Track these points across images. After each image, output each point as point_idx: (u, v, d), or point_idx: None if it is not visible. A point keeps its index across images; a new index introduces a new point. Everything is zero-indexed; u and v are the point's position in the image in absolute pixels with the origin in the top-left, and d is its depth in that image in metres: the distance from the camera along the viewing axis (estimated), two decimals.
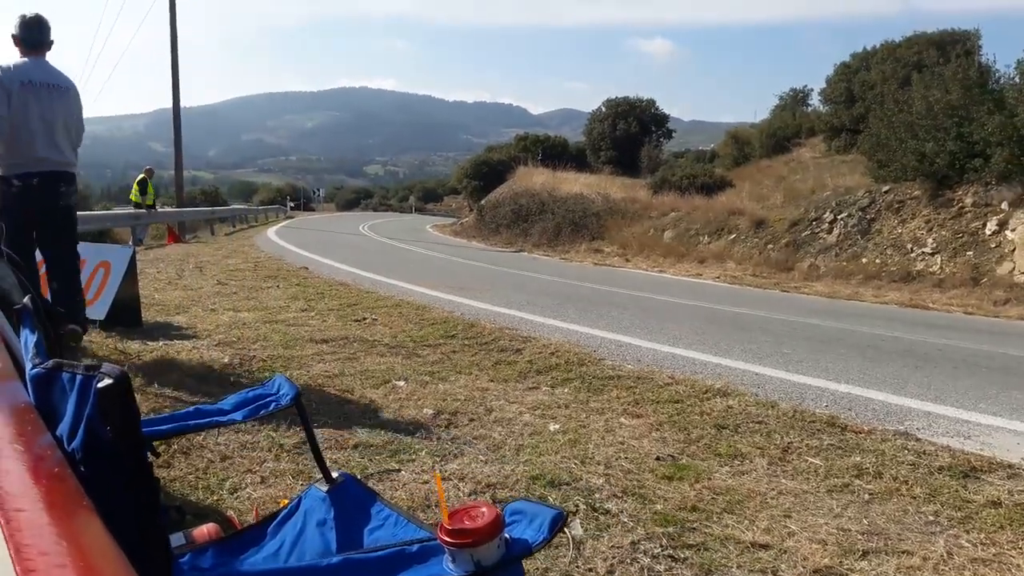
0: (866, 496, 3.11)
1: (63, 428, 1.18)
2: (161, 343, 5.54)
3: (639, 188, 24.56)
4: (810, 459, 3.53)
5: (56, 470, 0.86)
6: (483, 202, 29.74)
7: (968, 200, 13.42)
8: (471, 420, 3.97)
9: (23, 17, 4.91)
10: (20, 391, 1.25)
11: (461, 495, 2.94)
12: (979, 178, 13.27)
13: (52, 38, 5.01)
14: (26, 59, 4.86)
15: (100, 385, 1.06)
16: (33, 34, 4.90)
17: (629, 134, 37.99)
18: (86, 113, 5.39)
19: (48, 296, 4.83)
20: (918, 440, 3.87)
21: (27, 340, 1.36)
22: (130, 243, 16.85)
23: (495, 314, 7.67)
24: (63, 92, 4.98)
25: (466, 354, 5.65)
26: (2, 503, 0.77)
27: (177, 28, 23.31)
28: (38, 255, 5.06)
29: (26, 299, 1.46)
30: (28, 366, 1.26)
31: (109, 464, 1.12)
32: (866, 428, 4.05)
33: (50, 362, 1.20)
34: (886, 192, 15.12)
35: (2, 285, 2.51)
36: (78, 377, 1.14)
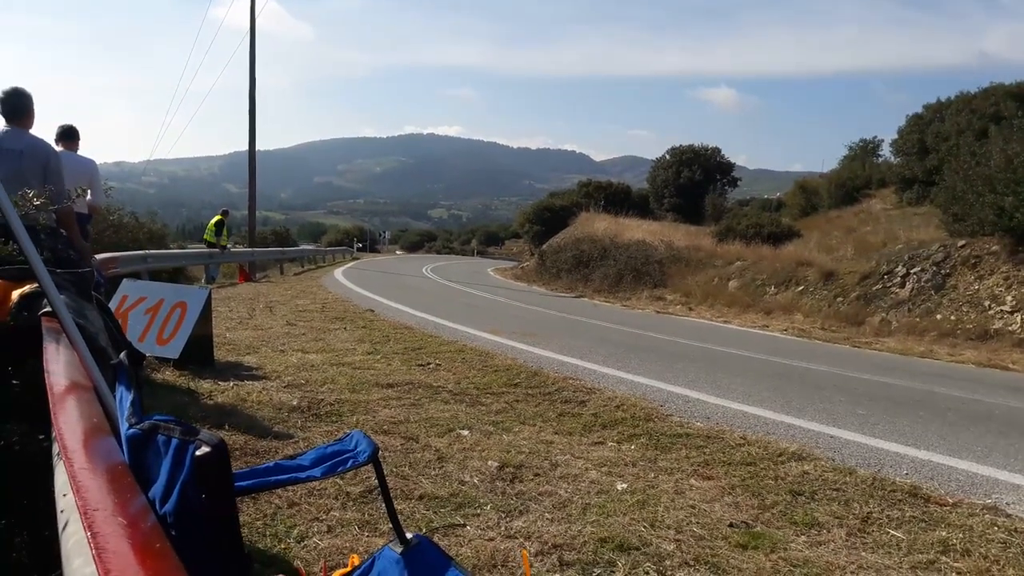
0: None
1: (156, 490, 1.19)
2: (232, 383, 5.65)
3: (703, 236, 24.23)
4: (892, 532, 3.36)
5: (157, 545, 0.87)
6: (545, 247, 29.81)
7: None
8: (536, 475, 3.91)
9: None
10: (115, 450, 1.27)
11: (528, 555, 2.88)
12: None
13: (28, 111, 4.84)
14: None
15: (198, 453, 1.07)
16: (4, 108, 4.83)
17: (693, 182, 37.82)
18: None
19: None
20: (1008, 516, 3.66)
21: (123, 398, 1.38)
22: (203, 281, 17.41)
23: (558, 363, 7.62)
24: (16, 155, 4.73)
25: (530, 404, 5.61)
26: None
27: (256, 75, 24.25)
28: None
29: (122, 355, 1.49)
30: (124, 425, 1.28)
31: (201, 530, 1.13)
32: (951, 500, 3.85)
33: (146, 424, 1.21)
34: (962, 247, 14.58)
35: (91, 330, 2.60)
36: (174, 441, 1.15)
